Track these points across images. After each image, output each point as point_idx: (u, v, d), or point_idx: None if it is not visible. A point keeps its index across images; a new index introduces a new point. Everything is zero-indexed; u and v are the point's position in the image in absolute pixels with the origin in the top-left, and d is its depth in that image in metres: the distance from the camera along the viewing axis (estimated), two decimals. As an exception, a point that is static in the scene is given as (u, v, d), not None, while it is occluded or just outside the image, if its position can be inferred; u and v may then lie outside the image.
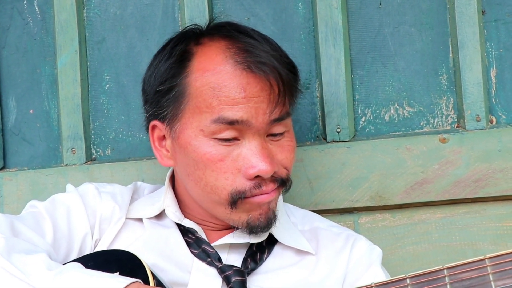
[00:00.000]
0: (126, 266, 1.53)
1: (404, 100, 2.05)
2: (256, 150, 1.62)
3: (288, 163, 1.68)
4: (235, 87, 1.60)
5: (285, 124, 1.67)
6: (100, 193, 1.77)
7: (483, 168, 1.95)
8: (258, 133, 1.62)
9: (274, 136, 1.66)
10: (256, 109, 1.61)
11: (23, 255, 1.48)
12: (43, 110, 2.14)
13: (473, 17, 1.99)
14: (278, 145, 1.67)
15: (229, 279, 1.63)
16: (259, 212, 1.66)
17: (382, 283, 1.26)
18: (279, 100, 1.63)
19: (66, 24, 2.10)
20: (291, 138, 1.70)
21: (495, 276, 1.13)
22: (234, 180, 1.62)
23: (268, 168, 1.61)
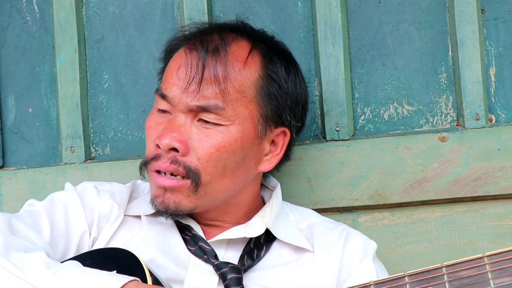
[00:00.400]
0: (123, 264, 1.52)
1: (404, 99, 2.04)
2: (172, 124, 1.67)
3: (202, 154, 1.66)
4: (175, 65, 1.72)
5: (220, 117, 1.67)
6: (98, 191, 1.78)
7: (482, 167, 1.95)
8: (182, 112, 1.67)
9: (205, 122, 1.68)
10: (181, 89, 1.68)
11: (21, 253, 1.48)
12: (42, 109, 2.14)
13: (473, 15, 1.99)
14: (204, 133, 1.67)
15: (225, 276, 1.64)
16: (156, 194, 1.68)
17: (380, 281, 1.26)
18: (196, 87, 1.66)
19: (65, 23, 2.10)
20: (223, 135, 1.67)
21: (493, 274, 1.13)
22: (150, 147, 1.71)
23: (166, 140, 1.65)
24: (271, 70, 1.73)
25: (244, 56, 1.71)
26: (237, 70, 1.69)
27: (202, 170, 1.65)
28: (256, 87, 1.70)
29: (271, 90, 1.72)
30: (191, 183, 1.66)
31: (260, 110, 1.70)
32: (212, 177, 1.67)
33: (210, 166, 1.66)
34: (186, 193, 1.67)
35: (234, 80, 1.67)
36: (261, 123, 1.71)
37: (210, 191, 1.68)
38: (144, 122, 2.05)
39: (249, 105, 1.69)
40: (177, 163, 1.65)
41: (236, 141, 1.67)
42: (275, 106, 1.72)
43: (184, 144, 1.65)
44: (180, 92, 1.68)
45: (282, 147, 1.76)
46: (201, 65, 1.67)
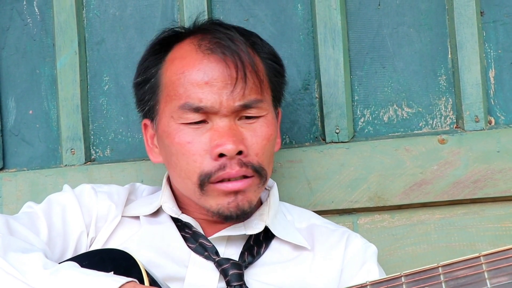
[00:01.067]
0: (120, 265, 1.53)
1: (403, 101, 2.04)
2: (222, 131, 1.64)
3: (259, 149, 1.66)
4: (197, 71, 1.65)
5: (260, 109, 1.68)
6: (96, 192, 1.78)
7: (482, 169, 1.95)
8: (226, 115, 1.65)
9: (247, 119, 1.67)
10: (219, 94, 1.63)
11: (20, 254, 1.48)
12: (42, 110, 2.14)
13: (472, 18, 1.99)
14: (251, 129, 1.67)
15: (227, 272, 1.64)
16: (227, 201, 1.65)
17: (377, 281, 1.26)
18: (243, 85, 1.64)
19: (65, 25, 2.10)
20: (267, 124, 1.69)
21: (490, 274, 1.13)
22: (202, 162, 1.64)
23: (231, 146, 1.61)
24: (265, 53, 1.75)
25: (249, 46, 1.70)
26: (256, 61, 1.69)
27: (263, 163, 1.67)
28: (266, 73, 1.73)
29: (274, 71, 1.75)
30: (259, 180, 1.67)
31: (272, 94, 1.74)
32: (268, 167, 1.70)
33: (265, 158, 1.68)
34: (253, 189, 1.67)
35: (259, 70, 1.69)
36: (275, 106, 1.75)
37: (267, 181, 1.72)
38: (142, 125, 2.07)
39: (268, 91, 1.72)
40: (245, 165, 1.64)
41: (274, 126, 1.71)
42: (279, 86, 1.77)
43: (244, 145, 1.65)
44: (219, 97, 1.63)
45: (278, 127, 1.80)
46: (240, 63, 1.64)
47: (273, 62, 1.75)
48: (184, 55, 1.69)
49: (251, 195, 1.67)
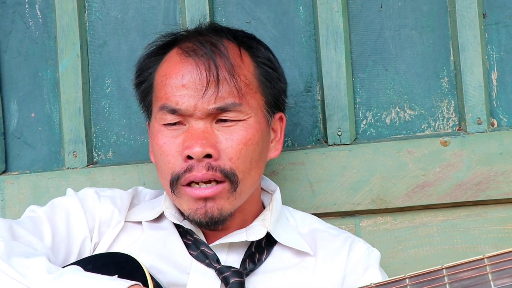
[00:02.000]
0: (124, 269, 1.52)
1: (405, 103, 2.04)
2: (194, 133, 1.65)
3: (233, 153, 1.65)
4: (176, 74, 1.68)
5: (238, 113, 1.67)
6: (100, 197, 1.77)
7: (484, 171, 1.95)
8: (201, 118, 1.66)
9: (224, 122, 1.67)
10: (194, 97, 1.65)
11: (23, 258, 1.48)
12: (44, 113, 2.14)
13: (474, 20, 1.98)
14: (228, 132, 1.67)
15: (228, 280, 1.64)
16: (196, 207, 1.65)
17: (381, 283, 1.25)
18: (215, 88, 1.65)
19: (67, 28, 2.10)
20: (247, 129, 1.68)
21: (494, 276, 1.13)
22: (174, 163, 1.66)
23: (198, 148, 1.62)
24: (260, 57, 1.75)
25: (237, 52, 1.72)
26: (237, 64, 1.69)
27: (236, 169, 1.66)
28: (256, 77, 1.72)
29: (265, 77, 1.73)
30: (230, 186, 1.65)
31: (264, 98, 1.73)
32: (244, 174, 1.67)
33: (241, 163, 1.66)
34: (226, 196, 1.66)
35: (241, 74, 1.68)
36: (267, 111, 1.73)
37: (244, 188, 1.68)
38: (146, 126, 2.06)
39: (255, 95, 1.71)
40: (213, 169, 1.64)
41: (257, 131, 1.69)
42: (273, 91, 1.75)
43: (215, 148, 1.65)
44: (194, 100, 1.65)
45: (281, 132, 1.79)
46: (213, 66, 1.66)
47: (267, 67, 1.74)
48: (170, 59, 1.73)
49: (222, 202, 1.66)
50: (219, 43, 1.69)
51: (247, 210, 1.75)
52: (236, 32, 1.77)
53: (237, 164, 1.65)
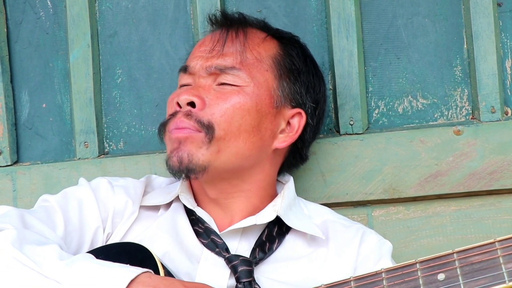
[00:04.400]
0: (136, 258, 1.53)
1: (418, 92, 2.03)
2: (191, 86, 1.75)
3: (217, 109, 1.70)
4: (199, 43, 1.83)
5: (236, 78, 1.72)
6: (113, 187, 1.78)
7: (498, 160, 1.93)
8: (202, 76, 1.74)
9: (223, 85, 1.73)
10: (201, 57, 1.76)
11: (35, 246, 1.49)
12: (55, 104, 2.14)
13: (488, 7, 1.97)
14: (222, 92, 1.72)
15: (236, 269, 1.64)
16: (172, 149, 1.70)
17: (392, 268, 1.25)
18: (218, 50, 1.75)
19: (78, 18, 2.10)
20: (239, 93, 1.71)
21: (505, 259, 1.13)
22: (169, 111, 1.76)
23: (184, 96, 1.70)
24: (290, 49, 1.81)
25: (262, 36, 1.80)
26: (256, 42, 1.78)
27: (216, 124, 1.69)
28: (273, 60, 1.77)
29: (288, 66, 1.78)
30: (205, 135, 1.68)
31: (276, 82, 1.76)
32: (226, 134, 1.69)
33: (225, 122, 1.69)
34: (198, 144, 1.68)
35: (253, 48, 1.76)
36: (277, 95, 1.76)
37: (223, 149, 1.69)
38: (157, 116, 2.08)
39: (265, 73, 1.75)
40: (190, 116, 1.69)
41: (252, 101, 1.72)
42: (291, 83, 1.78)
43: (201, 99, 1.71)
44: (202, 60, 1.75)
45: (298, 129, 1.79)
46: (225, 32, 1.78)
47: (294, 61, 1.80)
48: None
49: (194, 149, 1.68)
50: (243, 22, 1.81)
51: (252, 192, 1.76)
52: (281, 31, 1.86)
53: (219, 120, 1.69)
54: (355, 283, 1.29)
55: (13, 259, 1.45)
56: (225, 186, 1.74)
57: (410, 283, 1.22)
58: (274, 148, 1.77)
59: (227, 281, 1.65)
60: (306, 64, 1.83)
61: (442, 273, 1.19)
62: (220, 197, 1.75)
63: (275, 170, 1.82)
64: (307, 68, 1.83)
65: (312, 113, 1.81)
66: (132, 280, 1.40)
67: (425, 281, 1.21)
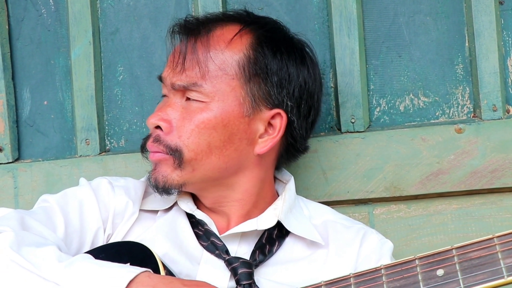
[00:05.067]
0: (137, 257, 1.53)
1: (420, 90, 2.03)
2: (162, 105, 1.76)
3: (183, 132, 1.69)
4: (173, 50, 1.79)
5: (200, 94, 1.70)
6: (113, 187, 1.78)
7: (499, 159, 1.94)
8: (172, 92, 1.74)
9: (190, 101, 1.72)
10: (170, 69, 1.75)
11: (33, 248, 1.48)
12: (57, 101, 2.15)
13: (490, 5, 1.97)
14: (188, 112, 1.71)
15: (236, 271, 1.64)
16: (151, 170, 1.74)
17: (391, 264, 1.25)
18: (180, 66, 1.72)
19: (79, 15, 2.10)
20: (203, 111, 1.69)
21: (503, 254, 1.14)
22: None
23: (151, 120, 1.73)
24: (256, 50, 1.72)
25: (229, 37, 1.73)
26: (219, 49, 1.72)
27: (184, 147, 1.68)
28: (239, 65, 1.71)
29: (254, 69, 1.71)
30: (173, 160, 1.69)
31: (245, 88, 1.71)
32: (197, 154, 1.69)
33: (192, 143, 1.69)
34: (171, 167, 1.70)
35: (215, 58, 1.71)
36: (248, 101, 1.71)
37: (197, 167, 1.69)
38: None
39: (231, 82, 1.70)
40: (158, 142, 1.71)
41: (216, 117, 1.69)
42: (262, 85, 1.72)
43: (167, 122, 1.71)
44: (170, 73, 1.74)
45: (279, 130, 1.73)
46: (184, 47, 1.73)
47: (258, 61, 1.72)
48: None
49: (168, 171, 1.69)
50: (204, 28, 1.75)
51: (244, 200, 1.74)
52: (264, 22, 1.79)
53: (187, 143, 1.69)
54: (354, 279, 1.29)
55: (11, 262, 1.45)
56: (216, 196, 1.74)
57: (409, 279, 1.23)
58: (257, 154, 1.74)
59: (227, 283, 1.66)
60: (277, 59, 1.74)
61: (441, 269, 1.20)
62: (215, 206, 1.75)
63: (268, 173, 1.79)
64: (279, 63, 1.74)
65: (294, 108, 1.74)
66: (131, 280, 1.40)
67: (424, 277, 1.22)
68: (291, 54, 1.76)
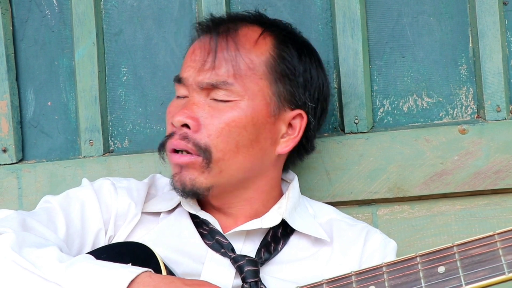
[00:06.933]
0: (138, 257, 1.54)
1: (423, 91, 2.04)
2: (187, 103, 1.72)
3: (213, 130, 1.68)
4: (191, 50, 1.78)
5: (229, 93, 1.69)
6: (116, 188, 1.78)
7: (503, 159, 1.94)
8: (196, 91, 1.71)
9: (216, 101, 1.71)
10: (193, 68, 1.73)
11: (34, 249, 1.49)
12: (61, 102, 2.16)
13: (494, 6, 1.98)
14: (216, 109, 1.70)
15: (242, 269, 1.65)
16: (174, 172, 1.72)
17: (393, 261, 1.26)
18: (210, 64, 1.71)
19: (83, 16, 2.12)
20: (234, 110, 1.69)
21: (504, 251, 1.15)
22: (168, 129, 1.76)
23: (178, 117, 1.69)
24: (283, 51, 1.76)
25: (255, 37, 1.74)
26: (248, 48, 1.73)
27: (213, 147, 1.68)
28: (266, 65, 1.73)
29: (282, 69, 1.74)
30: (202, 160, 1.68)
31: (272, 88, 1.73)
32: (225, 154, 1.68)
33: (221, 142, 1.68)
34: (199, 169, 1.69)
35: (245, 56, 1.71)
36: (274, 101, 1.73)
37: (225, 168, 1.69)
38: (162, 115, 2.08)
39: (259, 81, 1.72)
40: (187, 139, 1.68)
41: (247, 116, 1.70)
42: (287, 86, 1.75)
43: (195, 120, 1.69)
44: (194, 72, 1.72)
45: (299, 131, 1.77)
46: (213, 44, 1.72)
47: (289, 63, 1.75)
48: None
49: (195, 174, 1.69)
50: (232, 27, 1.74)
51: (255, 199, 1.76)
52: (280, 25, 1.81)
53: (216, 142, 1.68)
54: (356, 277, 1.30)
55: (12, 263, 1.46)
56: (228, 197, 1.75)
57: (411, 276, 1.24)
58: (278, 154, 1.76)
59: (232, 281, 1.66)
60: (302, 61, 1.78)
61: (442, 266, 1.21)
62: (223, 207, 1.76)
63: (279, 172, 1.83)
64: (304, 65, 1.78)
65: (313, 110, 1.79)
66: (132, 281, 1.41)
67: (426, 274, 1.23)
68: (312, 57, 1.81)
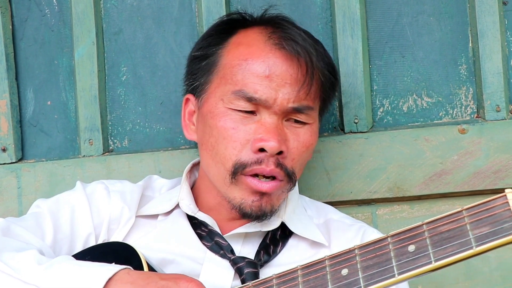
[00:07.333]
0: (121, 256, 1.57)
1: (423, 91, 2.06)
2: (269, 126, 1.67)
3: (296, 154, 1.70)
4: (261, 63, 1.69)
5: (308, 117, 1.72)
6: (109, 192, 1.81)
7: (503, 159, 1.97)
8: (276, 113, 1.68)
9: (295, 122, 1.72)
10: (276, 91, 1.67)
11: (14, 253, 1.53)
12: (60, 101, 2.18)
13: (493, 6, 2.01)
14: (295, 133, 1.72)
15: (242, 271, 1.67)
16: (252, 199, 1.68)
17: (365, 244, 1.31)
18: (303, 87, 1.69)
19: (83, 16, 2.14)
20: (311, 133, 1.73)
21: (472, 226, 1.19)
22: (241, 150, 1.68)
23: (274, 144, 1.64)
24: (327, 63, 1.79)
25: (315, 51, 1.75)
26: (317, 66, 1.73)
27: (296, 171, 1.72)
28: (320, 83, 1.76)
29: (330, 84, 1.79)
30: (286, 184, 1.70)
31: (320, 104, 1.79)
32: (298, 175, 1.75)
33: (298, 165, 1.73)
34: (279, 193, 1.71)
35: (317, 77, 1.72)
36: (320, 117, 1.81)
37: (292, 188, 1.75)
38: (161, 114, 2.09)
39: (318, 101, 1.77)
40: (280, 166, 1.67)
41: (316, 137, 1.76)
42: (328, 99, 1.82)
43: (287, 146, 1.69)
44: (276, 93, 1.67)
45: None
46: (310, 66, 1.69)
47: (330, 74, 1.79)
48: (250, 42, 1.73)
49: (275, 199, 1.71)
50: (308, 41, 1.72)
51: None
52: (306, 31, 1.80)
53: (296, 165, 1.71)
54: (329, 261, 1.34)
55: None
56: None
57: (382, 257, 1.28)
58: None
59: (231, 282, 1.68)
60: (335, 71, 1.83)
61: (413, 245, 1.25)
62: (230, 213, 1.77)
63: None
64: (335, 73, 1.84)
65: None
66: (110, 278, 1.43)
67: (396, 253, 1.26)
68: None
